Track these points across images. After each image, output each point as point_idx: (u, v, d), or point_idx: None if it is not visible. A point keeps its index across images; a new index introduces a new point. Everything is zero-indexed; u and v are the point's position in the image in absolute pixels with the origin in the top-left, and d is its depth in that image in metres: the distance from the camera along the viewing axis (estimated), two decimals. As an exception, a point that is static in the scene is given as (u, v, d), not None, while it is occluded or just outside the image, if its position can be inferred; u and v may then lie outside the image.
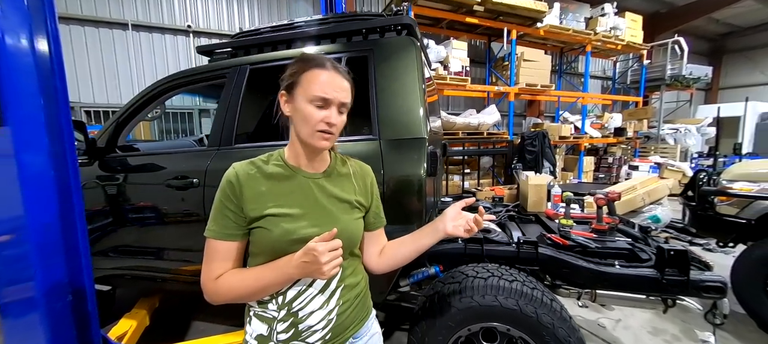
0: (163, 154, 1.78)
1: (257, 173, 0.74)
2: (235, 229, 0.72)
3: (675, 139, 8.43)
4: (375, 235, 0.88)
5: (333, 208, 0.76)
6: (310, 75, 0.71)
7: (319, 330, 0.74)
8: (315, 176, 0.78)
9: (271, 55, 1.66)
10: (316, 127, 0.71)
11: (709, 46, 12.30)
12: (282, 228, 0.70)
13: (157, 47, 5.15)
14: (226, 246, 0.72)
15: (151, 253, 1.80)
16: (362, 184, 0.84)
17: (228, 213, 0.72)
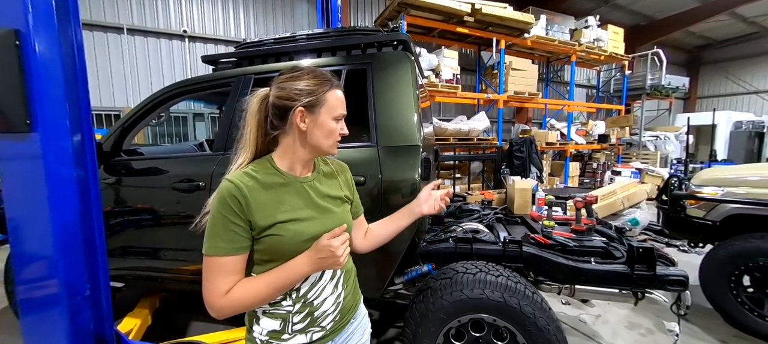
0: (167, 158, 1.86)
1: (256, 184, 0.75)
2: (244, 242, 0.72)
3: (655, 146, 8.81)
4: (358, 221, 1.00)
5: (330, 205, 0.85)
6: (333, 95, 0.81)
7: (331, 314, 0.83)
8: (307, 180, 0.84)
9: (275, 66, 1.77)
10: (336, 138, 0.83)
11: (687, 58, 12.89)
12: (293, 232, 0.75)
13: (153, 51, 5.17)
14: (233, 261, 0.72)
15: (154, 254, 1.86)
16: (344, 180, 0.95)
17: (234, 227, 0.71)
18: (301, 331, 0.80)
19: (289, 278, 0.73)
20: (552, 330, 1.30)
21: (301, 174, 0.84)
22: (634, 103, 9.77)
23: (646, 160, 8.41)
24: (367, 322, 0.99)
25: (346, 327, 0.89)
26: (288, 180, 0.81)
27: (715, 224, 2.31)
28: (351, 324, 0.91)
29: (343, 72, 1.63)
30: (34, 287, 1.17)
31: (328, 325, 0.83)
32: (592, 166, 8.23)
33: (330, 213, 0.84)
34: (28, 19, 1.01)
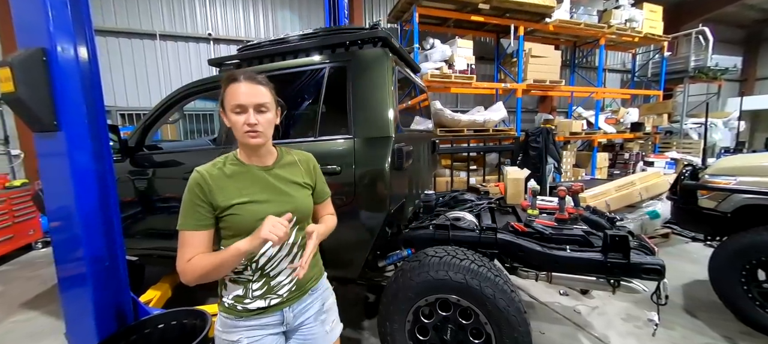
0: (180, 152, 2.10)
1: (219, 173, 0.91)
2: (207, 220, 0.88)
3: (699, 134, 8.06)
4: (321, 206, 1.11)
5: (287, 190, 0.97)
6: (230, 89, 0.88)
7: (286, 284, 0.98)
8: (268, 168, 0.97)
9: (267, 66, 1.93)
10: (242, 130, 0.88)
11: (745, 34, 11.51)
12: (249, 211, 0.89)
13: (182, 54, 5.62)
14: (198, 235, 0.87)
15: (171, 236, 2.12)
16: (306, 168, 1.06)
17: (199, 208, 0.87)
18: (259, 297, 0.95)
19: (231, 257, 0.83)
20: (511, 311, 1.36)
21: (260, 164, 0.97)
22: (677, 88, 8.97)
23: (689, 149, 7.74)
24: (328, 295, 1.12)
25: (304, 297, 1.03)
26: (247, 169, 0.95)
27: (727, 215, 2.18)
28: (310, 295, 1.05)
29: (326, 69, 1.76)
30: (67, 264, 1.43)
31: (284, 294, 0.97)
32: (623, 157, 7.73)
33: (287, 196, 0.97)
34: (51, 38, 1.24)
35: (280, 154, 1.03)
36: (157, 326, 1.54)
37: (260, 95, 0.89)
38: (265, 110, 0.90)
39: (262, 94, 0.90)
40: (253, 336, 0.94)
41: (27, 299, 2.74)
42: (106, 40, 5.20)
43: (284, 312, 0.98)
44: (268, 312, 0.95)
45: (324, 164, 1.60)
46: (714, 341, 1.99)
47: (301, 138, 1.77)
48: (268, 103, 0.91)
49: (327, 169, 1.59)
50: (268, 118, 0.92)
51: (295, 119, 1.90)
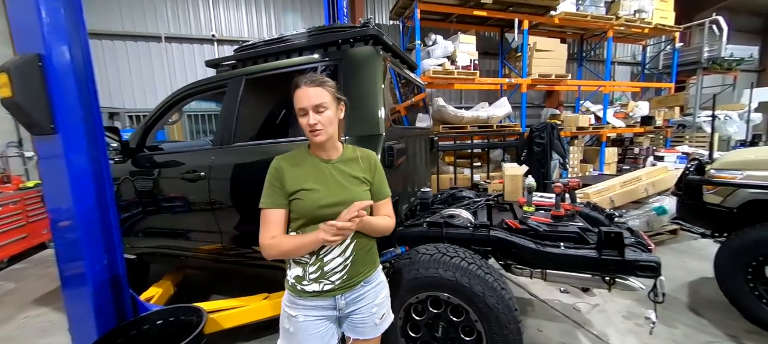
0: (180, 152, 2.14)
1: (291, 162, 1.06)
2: (281, 200, 1.03)
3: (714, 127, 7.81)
4: (378, 205, 1.14)
5: (346, 183, 1.05)
6: (296, 93, 1.00)
7: (338, 271, 1.05)
8: (331, 161, 1.07)
9: (261, 67, 1.95)
10: (307, 130, 1.00)
11: (762, 23, 11.09)
12: (310, 198, 1.01)
13: (187, 56, 5.72)
14: (274, 213, 1.03)
15: (173, 234, 2.18)
16: (366, 165, 1.12)
17: (275, 189, 1.03)
18: (314, 281, 1.04)
19: (311, 242, 0.98)
20: (501, 309, 1.36)
21: (324, 157, 1.08)
22: (689, 80, 8.70)
23: (702, 143, 7.51)
24: (380, 289, 1.17)
25: (356, 287, 1.08)
26: (313, 161, 1.07)
27: (733, 211, 2.12)
28: (362, 286, 1.11)
29: (318, 69, 1.77)
30: (67, 263, 1.47)
31: (336, 281, 1.05)
32: (633, 152, 7.56)
33: (345, 189, 1.05)
34: (46, 44, 1.28)
35: (345, 150, 1.12)
36: (155, 322, 1.58)
37: (317, 96, 0.98)
38: (324, 109, 0.99)
39: (319, 94, 0.99)
40: (309, 315, 1.05)
41: (39, 295, 2.84)
42: (114, 44, 5.32)
43: (337, 299, 1.06)
44: (322, 297, 1.04)
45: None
46: (717, 340, 1.94)
47: (297, 137, 1.79)
48: (326, 102, 0.99)
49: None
50: (328, 116, 1.00)
51: (290, 118, 1.93)
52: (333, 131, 1.04)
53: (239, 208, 1.89)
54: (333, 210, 1.01)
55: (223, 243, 2.01)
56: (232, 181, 1.87)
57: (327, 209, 1.01)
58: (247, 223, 1.91)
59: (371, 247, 1.14)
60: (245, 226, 1.91)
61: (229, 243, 2.00)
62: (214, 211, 1.95)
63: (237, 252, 2.03)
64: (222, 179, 1.89)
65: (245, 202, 1.87)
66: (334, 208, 1.02)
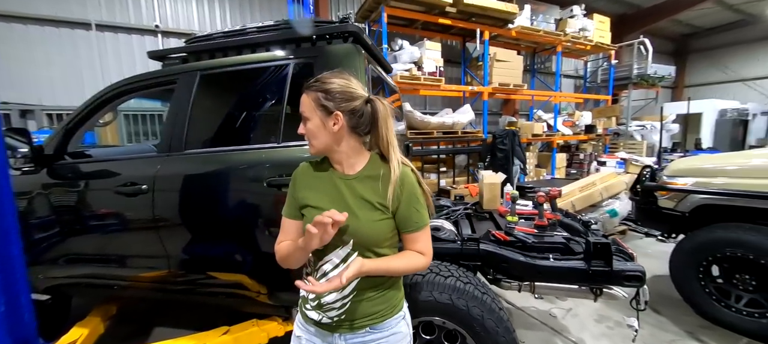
0: (114, 161, 1.77)
1: (310, 170, 0.94)
2: (294, 210, 0.92)
3: (642, 136, 8.84)
4: (407, 238, 0.90)
5: (355, 208, 0.86)
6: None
7: (335, 309, 0.88)
8: (346, 177, 0.90)
9: (221, 61, 1.68)
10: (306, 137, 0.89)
11: (675, 47, 12.91)
12: (311, 216, 0.82)
13: (124, 48, 5.01)
14: (289, 223, 0.92)
15: (104, 261, 1.79)
16: (383, 187, 0.86)
17: (291, 198, 0.93)
18: (314, 309, 0.91)
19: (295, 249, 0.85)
20: (501, 332, 1.26)
21: (340, 171, 0.91)
22: (621, 93, 9.77)
23: (633, 150, 8.43)
24: (395, 341, 0.92)
25: (360, 332, 0.89)
26: (331, 174, 0.91)
27: (685, 215, 2.29)
28: (369, 332, 0.90)
29: (290, 66, 1.55)
30: None
31: (333, 317, 0.89)
32: (578, 157, 8.23)
33: (351, 213, 0.83)
34: None
35: (369, 164, 0.91)
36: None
37: (301, 103, 0.88)
38: (306, 119, 0.87)
39: (302, 102, 0.88)
40: (313, 341, 0.94)
41: None
42: (27, 29, 4.47)
43: (336, 338, 0.91)
44: (322, 329, 0.92)
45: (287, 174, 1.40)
46: (678, 337, 2.07)
47: (261, 144, 1.55)
48: (305, 112, 0.87)
49: (293, 180, 1.39)
50: (309, 128, 0.87)
51: (255, 122, 1.68)
52: (321, 145, 0.87)
53: (192, 227, 1.59)
54: (334, 239, 0.81)
55: (171, 268, 1.68)
56: (183, 195, 1.57)
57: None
58: (203, 244, 1.61)
59: (387, 288, 0.91)
60: (199, 248, 1.62)
61: (179, 269, 1.68)
62: (159, 231, 1.63)
63: (188, 278, 1.72)
64: (170, 192, 1.58)
65: (200, 220, 1.58)
66: (334, 237, 0.81)
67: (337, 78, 0.86)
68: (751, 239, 1.96)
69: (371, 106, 0.87)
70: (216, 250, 1.61)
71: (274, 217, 1.45)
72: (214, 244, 1.60)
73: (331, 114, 0.84)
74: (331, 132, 0.85)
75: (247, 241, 1.53)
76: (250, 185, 1.48)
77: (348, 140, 0.87)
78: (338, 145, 0.87)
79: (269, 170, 1.43)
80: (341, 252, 0.86)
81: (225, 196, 1.52)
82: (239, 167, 1.50)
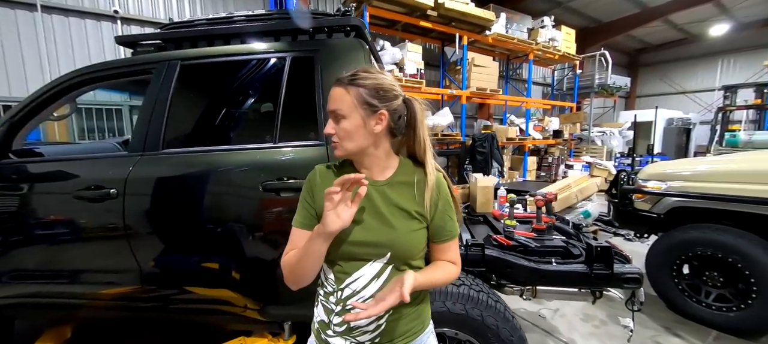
0: (71, 161, 1.53)
1: (331, 175, 0.82)
2: (311, 220, 0.79)
3: (602, 141, 9.49)
4: (439, 248, 0.84)
5: (390, 217, 0.77)
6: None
7: (368, 332, 0.78)
8: (377, 183, 0.80)
9: (207, 51, 1.51)
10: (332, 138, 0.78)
11: (628, 60, 14.06)
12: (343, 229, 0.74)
13: (76, 34, 4.49)
14: (301, 234, 0.79)
15: (59, 277, 1.53)
16: (420, 192, 0.80)
17: (306, 206, 0.81)
18: (340, 335, 0.80)
19: (307, 250, 0.73)
20: (515, 341, 1.23)
21: (373, 177, 0.81)
22: (584, 101, 10.44)
23: (594, 153, 9.02)
24: None
25: None
26: None
27: (660, 216, 2.43)
28: None
29: (287, 60, 1.43)
30: None
31: (364, 341, 0.79)
32: (547, 160, 8.66)
33: (387, 224, 0.77)
34: None
35: (400, 168, 0.83)
36: None
37: (335, 100, 0.76)
38: (341, 117, 0.75)
39: (338, 97, 0.76)
40: None
41: None
42: (-47, 6, 3.86)
43: None
44: None
45: (288, 177, 1.28)
46: (657, 333, 2.18)
47: (254, 144, 1.41)
48: (342, 109, 0.75)
49: (293, 185, 1.27)
50: (344, 127, 0.75)
51: (245, 120, 1.52)
52: (355, 147, 0.77)
53: (171, 237, 1.41)
54: (366, 251, 0.76)
55: (142, 283, 1.48)
56: (161, 201, 1.39)
57: (360, 248, 0.76)
58: (184, 256, 1.44)
59: (420, 302, 0.85)
60: (180, 260, 1.44)
61: (151, 283, 1.48)
62: (129, 242, 1.42)
63: (162, 294, 1.52)
64: (145, 197, 1.38)
65: (181, 229, 1.40)
66: (368, 249, 0.75)
67: (379, 73, 0.78)
68: (720, 239, 2.11)
69: (408, 106, 0.80)
70: (200, 262, 1.43)
71: (271, 224, 1.32)
72: (198, 255, 1.43)
73: (376, 112, 0.75)
74: (371, 132, 0.76)
75: (237, 251, 1.38)
76: (242, 189, 1.33)
77: (384, 142, 0.79)
78: (376, 148, 0.78)
79: (266, 173, 1.30)
80: (375, 266, 0.77)
81: (212, 202, 1.36)
82: (230, 170, 1.35)
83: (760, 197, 2.00)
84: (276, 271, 1.35)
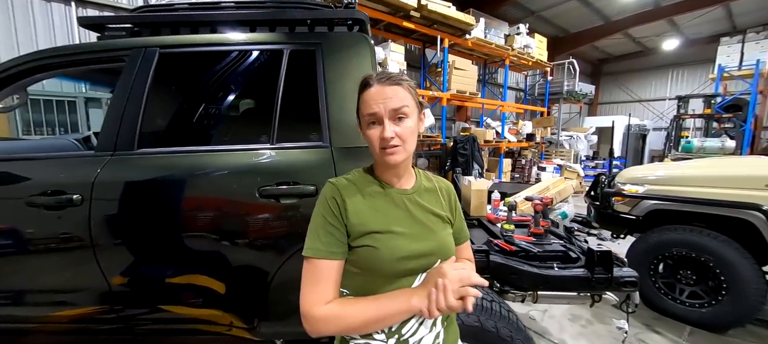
0: (21, 160, 1.30)
1: (355, 189, 0.73)
2: (340, 247, 0.69)
3: (569, 145, 10.02)
4: (461, 249, 0.87)
5: (429, 224, 0.75)
6: (364, 94, 0.71)
7: None
8: (407, 192, 0.76)
9: (193, 39, 1.34)
10: (378, 145, 0.69)
11: (592, 69, 14.99)
12: (389, 246, 0.68)
13: (20, 15, 3.96)
14: (330, 266, 0.68)
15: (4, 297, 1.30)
16: (447, 199, 0.82)
17: (332, 229, 0.69)
18: None
19: (397, 308, 0.64)
20: (529, 352, 1.20)
21: (398, 186, 0.76)
22: (553, 106, 10.97)
23: (563, 157, 9.51)
24: None
25: None
26: (385, 190, 0.75)
27: (639, 218, 2.55)
28: None
29: (284, 53, 1.30)
30: None
31: None
32: (521, 163, 8.99)
33: (430, 232, 0.74)
34: None
35: (418, 177, 0.82)
36: None
37: (397, 97, 0.68)
38: (404, 116, 0.69)
39: (400, 96, 0.69)
40: None
41: None
42: None
43: None
44: None
45: (290, 183, 1.16)
46: (641, 330, 2.28)
47: (246, 144, 1.27)
48: (408, 107, 0.69)
49: (296, 191, 1.15)
50: (409, 127, 0.70)
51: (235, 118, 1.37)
52: (413, 147, 0.73)
53: (144, 249, 1.24)
54: (418, 263, 0.71)
55: (111, 303, 1.29)
56: (137, 209, 1.21)
57: (411, 262, 0.70)
58: (163, 270, 1.27)
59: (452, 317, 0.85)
60: (152, 275, 1.26)
61: (121, 303, 1.30)
62: (96, 255, 1.23)
63: (130, 314, 1.34)
64: (115, 203, 1.20)
65: (161, 240, 1.24)
66: (420, 261, 0.71)
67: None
68: (694, 239, 2.25)
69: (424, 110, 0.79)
70: (180, 276, 1.27)
71: (269, 233, 1.19)
72: (178, 269, 1.27)
73: (420, 111, 0.74)
74: (417, 133, 0.74)
75: (225, 264, 1.23)
76: (234, 195, 1.19)
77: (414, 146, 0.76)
78: (413, 151, 0.74)
79: (263, 177, 1.17)
80: (423, 278, 0.72)
81: (198, 209, 1.21)
82: (221, 173, 1.20)
83: (730, 201, 2.15)
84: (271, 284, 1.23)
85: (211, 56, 1.33)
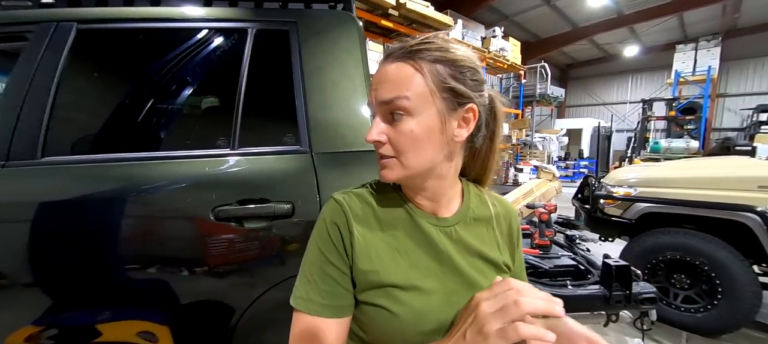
0: None
1: (370, 211, 0.49)
2: (346, 298, 0.46)
3: (542, 146, 10.30)
4: None
5: (475, 276, 0.48)
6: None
7: None
8: (443, 223, 0.50)
9: (122, 12, 1.02)
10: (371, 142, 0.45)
11: (561, 73, 15.64)
12: (413, 311, 0.44)
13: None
14: (329, 327, 0.44)
15: None
16: (507, 232, 0.55)
17: (333, 271, 0.46)
18: None
19: None
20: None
21: (429, 211, 0.51)
22: (527, 109, 11.26)
23: (537, 157, 9.73)
24: None
25: None
26: (412, 219, 0.49)
27: (632, 221, 2.48)
28: None
29: (248, 33, 1.02)
30: None
31: None
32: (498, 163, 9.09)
33: (476, 288, 0.46)
34: None
35: (467, 197, 0.54)
36: None
37: (392, 82, 0.43)
38: (402, 112, 0.43)
39: (400, 79, 0.43)
40: None
41: None
42: None
43: None
44: None
45: (257, 201, 0.88)
46: (634, 334, 2.18)
47: (201, 149, 0.97)
48: (405, 100, 0.42)
49: (264, 210, 0.87)
50: (410, 130, 0.43)
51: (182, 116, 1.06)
52: (422, 165, 0.45)
53: (47, 290, 0.90)
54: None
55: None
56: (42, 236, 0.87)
57: (435, 334, 0.44)
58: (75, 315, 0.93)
59: None
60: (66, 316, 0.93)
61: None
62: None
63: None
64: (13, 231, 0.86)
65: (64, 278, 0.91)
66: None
67: (454, 43, 0.47)
68: (688, 242, 2.19)
69: (491, 103, 0.50)
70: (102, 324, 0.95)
71: (229, 268, 0.90)
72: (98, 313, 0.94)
73: (463, 106, 0.45)
74: (448, 140, 0.45)
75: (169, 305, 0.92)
76: (178, 219, 0.89)
77: (459, 158, 0.50)
78: (449, 167, 0.48)
79: (220, 193, 0.87)
80: None
81: (127, 237, 0.89)
82: (158, 187, 0.89)
83: (725, 203, 2.11)
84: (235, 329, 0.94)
85: (149, 35, 1.02)
